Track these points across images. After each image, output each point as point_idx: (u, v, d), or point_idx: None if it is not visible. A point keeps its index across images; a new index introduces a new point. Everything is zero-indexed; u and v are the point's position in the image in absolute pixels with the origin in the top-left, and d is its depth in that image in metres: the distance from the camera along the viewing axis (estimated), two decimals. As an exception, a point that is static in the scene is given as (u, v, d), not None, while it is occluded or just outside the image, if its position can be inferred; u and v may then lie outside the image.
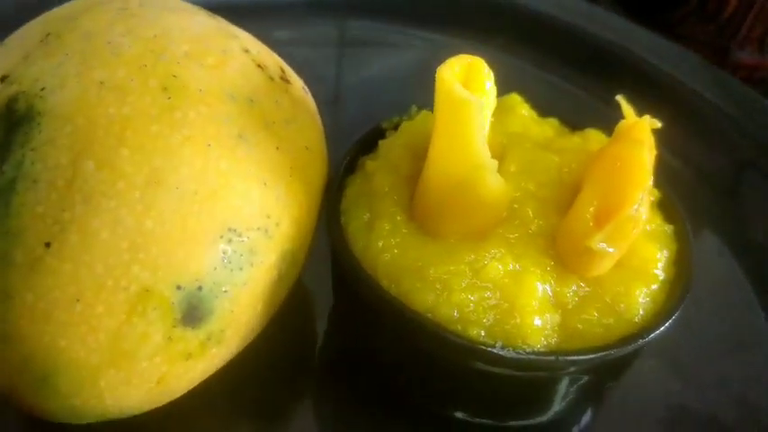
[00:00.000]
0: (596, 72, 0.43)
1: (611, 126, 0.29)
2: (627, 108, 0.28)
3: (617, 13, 0.55)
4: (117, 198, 0.23)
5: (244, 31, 0.30)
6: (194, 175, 0.24)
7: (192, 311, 0.24)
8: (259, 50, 0.29)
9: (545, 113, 0.34)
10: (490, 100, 0.27)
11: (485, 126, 0.26)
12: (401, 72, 0.48)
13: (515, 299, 0.25)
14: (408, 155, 0.30)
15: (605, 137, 0.31)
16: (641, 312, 0.26)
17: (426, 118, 0.31)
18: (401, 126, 0.32)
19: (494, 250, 0.26)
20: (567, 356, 0.25)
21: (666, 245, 0.29)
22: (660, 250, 0.28)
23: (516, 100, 0.33)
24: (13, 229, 0.23)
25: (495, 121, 0.32)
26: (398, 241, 0.27)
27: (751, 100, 0.46)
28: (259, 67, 0.28)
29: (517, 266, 0.26)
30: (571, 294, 0.26)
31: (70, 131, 0.24)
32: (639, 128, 0.27)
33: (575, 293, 0.26)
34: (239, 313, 0.26)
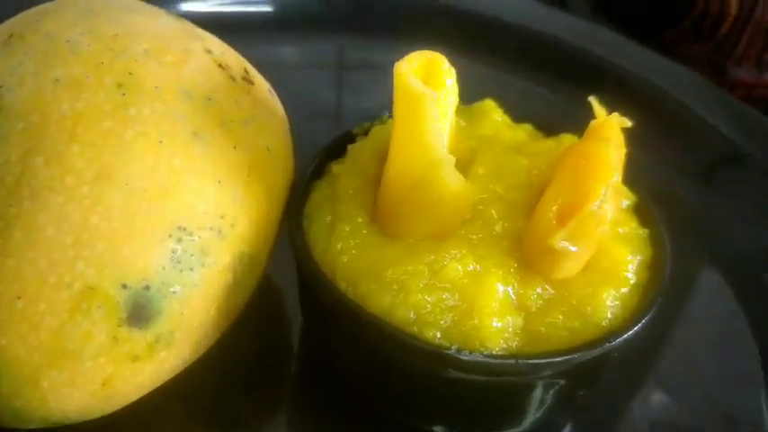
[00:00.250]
0: (581, 83, 0.42)
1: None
2: (598, 108, 0.28)
3: (616, 33, 0.55)
4: (64, 193, 0.23)
5: (211, 35, 0.30)
6: (145, 171, 0.24)
7: (139, 311, 0.24)
8: (223, 52, 0.29)
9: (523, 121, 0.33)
10: (450, 96, 0.26)
11: (443, 121, 0.25)
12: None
13: (474, 300, 0.24)
14: (375, 158, 0.29)
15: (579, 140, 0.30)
16: (609, 316, 0.25)
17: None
18: (371, 131, 0.31)
19: (454, 251, 0.25)
20: (528, 360, 0.24)
21: (640, 249, 0.28)
22: (632, 253, 0.27)
23: (490, 105, 0.33)
24: (-42, 225, 0.23)
25: (466, 125, 0.32)
26: (358, 243, 0.26)
27: (717, 98, 0.46)
28: (220, 66, 0.28)
29: (478, 267, 0.25)
30: (535, 297, 0.25)
31: (23, 128, 0.24)
32: (607, 126, 0.26)
33: (539, 296, 0.25)
34: (190, 316, 0.25)
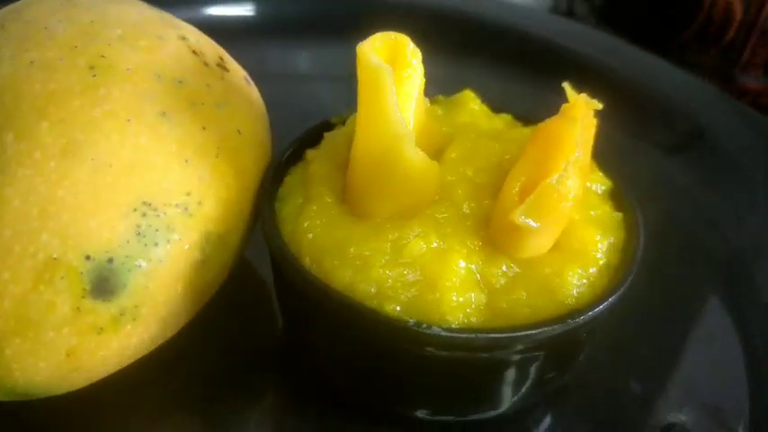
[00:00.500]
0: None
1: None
2: (570, 92, 0.28)
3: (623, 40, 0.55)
4: (33, 167, 0.24)
5: (190, 25, 0.31)
6: (111, 148, 0.25)
7: (103, 284, 0.24)
8: (198, 39, 0.30)
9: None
10: (415, 76, 0.26)
11: (406, 99, 0.25)
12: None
13: (436, 276, 0.24)
14: (348, 144, 0.29)
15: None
16: (575, 294, 0.25)
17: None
18: (348, 119, 0.31)
19: (419, 229, 0.25)
20: (487, 334, 0.23)
21: (612, 231, 0.28)
22: (603, 235, 0.27)
23: (469, 96, 0.33)
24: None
25: (444, 114, 0.32)
26: (324, 221, 0.26)
27: (684, 81, 0.47)
28: (194, 53, 0.29)
29: (442, 245, 0.25)
30: (500, 275, 0.25)
31: None
32: (575, 105, 0.26)
33: (503, 274, 0.25)
34: (156, 291, 0.25)
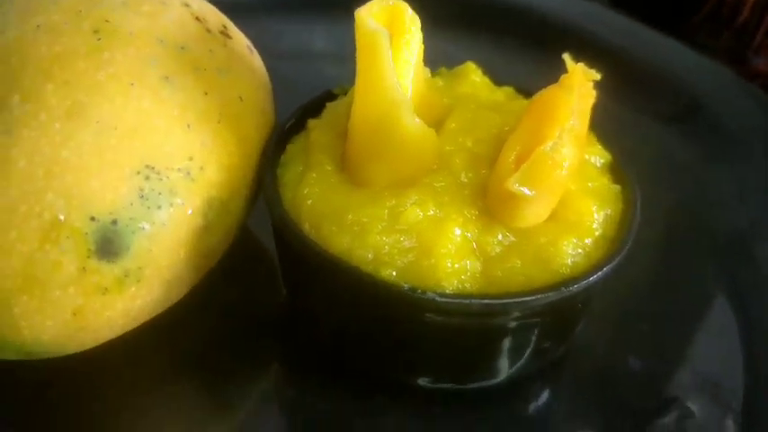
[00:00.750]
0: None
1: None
2: (570, 63, 0.28)
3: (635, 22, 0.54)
4: (38, 129, 0.24)
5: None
6: (115, 111, 0.25)
7: (107, 245, 0.25)
8: (201, 7, 0.30)
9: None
10: (413, 42, 0.26)
11: (404, 65, 0.26)
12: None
13: (432, 242, 0.25)
14: (348, 113, 0.30)
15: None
16: (569, 263, 0.25)
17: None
18: (350, 90, 0.32)
19: (416, 197, 0.26)
20: (481, 300, 0.24)
21: (610, 203, 0.28)
22: (599, 206, 0.27)
23: (471, 68, 0.33)
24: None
25: (445, 85, 0.32)
26: (324, 189, 0.27)
27: (690, 59, 0.48)
28: (197, 19, 0.29)
29: (439, 213, 0.25)
30: (495, 243, 0.25)
31: (3, 70, 0.25)
32: (572, 75, 0.26)
33: (499, 243, 0.25)
34: (159, 254, 0.26)
